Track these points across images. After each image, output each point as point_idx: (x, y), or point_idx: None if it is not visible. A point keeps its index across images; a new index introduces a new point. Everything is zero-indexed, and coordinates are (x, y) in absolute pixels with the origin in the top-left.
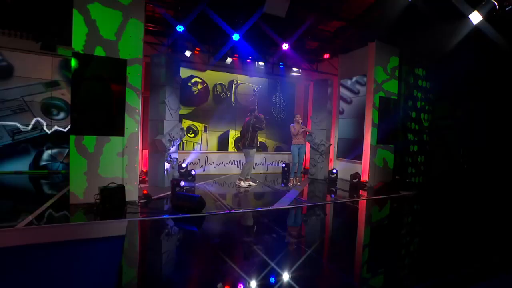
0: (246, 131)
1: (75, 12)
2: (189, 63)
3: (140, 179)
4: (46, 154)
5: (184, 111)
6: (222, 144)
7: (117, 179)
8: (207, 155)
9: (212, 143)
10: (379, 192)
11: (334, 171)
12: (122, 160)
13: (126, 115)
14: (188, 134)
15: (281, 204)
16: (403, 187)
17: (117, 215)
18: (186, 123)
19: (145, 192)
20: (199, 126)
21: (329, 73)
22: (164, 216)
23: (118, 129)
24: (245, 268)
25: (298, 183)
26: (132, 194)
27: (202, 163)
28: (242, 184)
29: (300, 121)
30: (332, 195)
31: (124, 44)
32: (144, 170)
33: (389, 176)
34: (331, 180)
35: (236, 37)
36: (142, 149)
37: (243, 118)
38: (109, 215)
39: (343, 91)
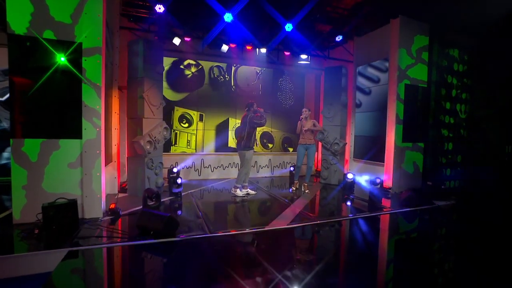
0: (243, 128)
1: None
2: (177, 53)
3: (121, 187)
4: (7, 153)
5: (176, 97)
6: (220, 135)
7: (68, 194)
8: (202, 157)
9: (209, 133)
10: (406, 202)
11: (351, 175)
12: (78, 171)
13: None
14: (182, 124)
15: (281, 222)
16: (437, 195)
17: (60, 241)
18: (178, 111)
19: (112, 206)
20: (194, 114)
21: (344, 59)
22: (120, 244)
23: (69, 133)
24: None
25: (307, 190)
26: (95, 209)
27: (198, 167)
28: (238, 192)
29: (302, 116)
30: (348, 203)
31: (80, 27)
32: None
33: (418, 181)
34: (347, 187)
35: (228, 17)
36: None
37: (244, 105)
38: (51, 241)
39: (360, 80)
